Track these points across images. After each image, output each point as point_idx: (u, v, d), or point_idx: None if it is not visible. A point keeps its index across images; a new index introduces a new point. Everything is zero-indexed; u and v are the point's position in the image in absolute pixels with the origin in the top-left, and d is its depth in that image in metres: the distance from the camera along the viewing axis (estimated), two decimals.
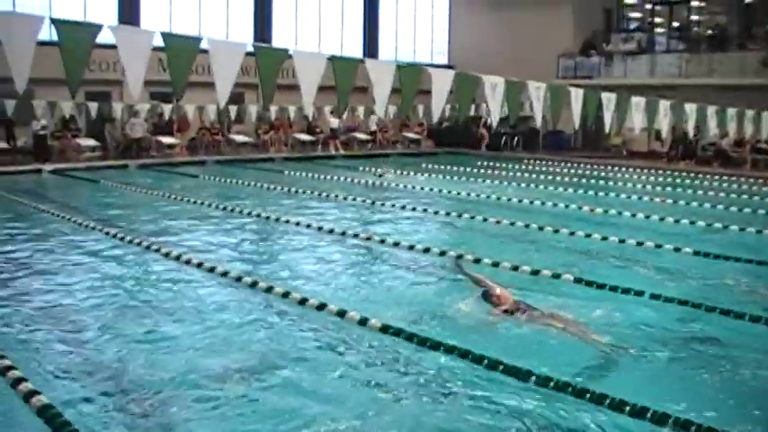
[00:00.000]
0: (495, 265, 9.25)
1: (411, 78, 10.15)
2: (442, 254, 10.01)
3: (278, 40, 29.69)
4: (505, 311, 7.18)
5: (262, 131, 27.80)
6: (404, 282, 8.85)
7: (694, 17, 31.72)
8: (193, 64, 8.11)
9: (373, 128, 29.95)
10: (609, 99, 12.73)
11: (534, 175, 21.08)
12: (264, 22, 30.29)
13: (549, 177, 20.62)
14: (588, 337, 6.68)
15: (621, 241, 10.97)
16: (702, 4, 31.25)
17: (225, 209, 14.06)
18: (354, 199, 15.59)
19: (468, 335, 6.75)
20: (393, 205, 14.75)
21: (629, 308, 7.60)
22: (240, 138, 27.09)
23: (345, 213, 14.18)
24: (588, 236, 11.36)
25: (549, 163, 25.22)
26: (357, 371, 6.02)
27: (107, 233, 11.40)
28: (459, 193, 16.80)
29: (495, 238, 11.83)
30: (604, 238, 11.18)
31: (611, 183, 19.72)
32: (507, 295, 7.39)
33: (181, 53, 8.00)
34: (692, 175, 21.79)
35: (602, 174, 22.12)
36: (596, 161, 25.42)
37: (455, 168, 22.04)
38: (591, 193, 17.33)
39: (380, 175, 20.38)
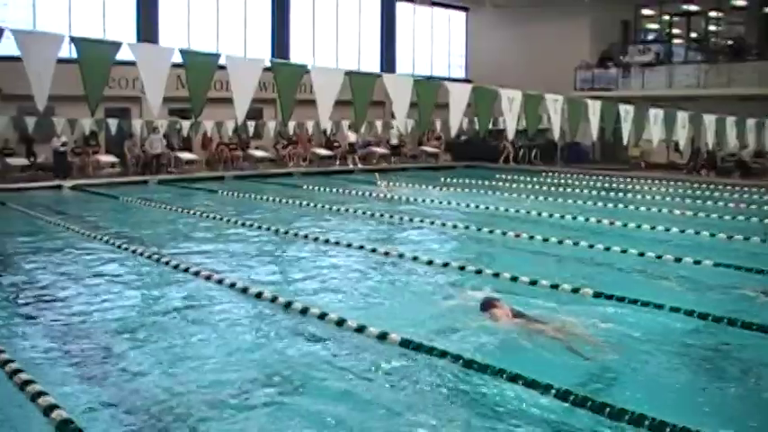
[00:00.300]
0: (514, 279, 9.23)
1: (428, 93, 10.13)
2: (461, 268, 9.99)
3: (296, 56, 29.84)
4: (513, 314, 7.36)
5: (280, 146, 27.93)
6: (422, 296, 8.83)
7: (712, 27, 31.58)
8: (212, 80, 8.16)
9: (394, 142, 29.99)
10: (627, 111, 12.67)
11: (553, 188, 21.01)
12: (282, 37, 30.45)
13: (568, 190, 20.54)
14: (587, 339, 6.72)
15: (641, 254, 10.90)
16: (720, 14, 31.10)
17: (244, 224, 14.10)
18: (372, 214, 15.60)
19: (487, 348, 6.74)
20: (411, 219, 14.74)
21: (649, 321, 7.54)
22: (259, 153, 27.23)
23: (363, 228, 14.18)
24: (607, 249, 11.31)
25: (568, 175, 25.16)
26: (377, 385, 6.01)
27: (126, 249, 11.47)
28: (477, 207, 16.77)
29: (513, 252, 11.80)
30: (624, 251, 11.11)
31: (629, 195, 19.62)
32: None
33: (199, 70, 8.04)
34: (712, 186, 21.64)
35: (621, 186, 22.03)
36: (615, 173, 25.33)
37: (473, 182, 22.02)
38: (610, 205, 17.25)
39: (379, 180, 20.38)
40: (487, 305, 7.62)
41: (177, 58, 7.83)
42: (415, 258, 10.71)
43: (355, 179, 23.90)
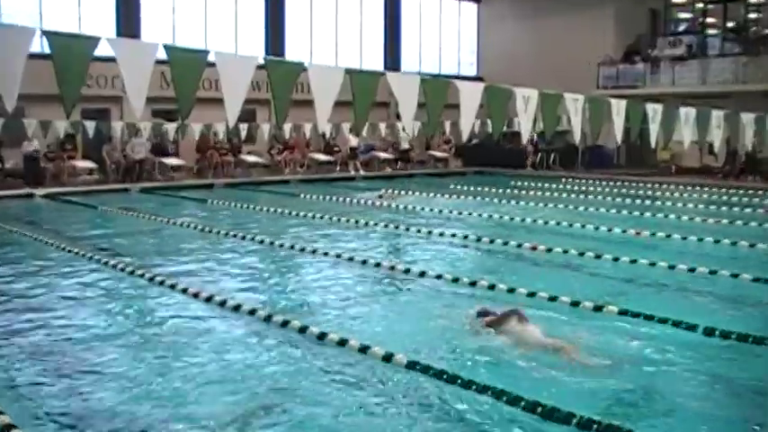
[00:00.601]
0: (531, 295, 9.21)
1: (437, 92, 10.11)
2: (473, 284, 9.99)
3: (292, 53, 29.94)
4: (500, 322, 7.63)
5: (275, 151, 27.99)
6: (431, 314, 8.79)
7: (752, 15, 31.46)
8: (200, 79, 8.17)
9: (405, 146, 30.01)
10: (655, 110, 12.67)
11: (573, 196, 21.03)
12: (277, 32, 30.54)
13: (590, 197, 20.55)
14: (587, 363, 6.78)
15: (671, 267, 10.87)
16: (761, 0, 31.01)
17: (236, 236, 14.13)
18: (376, 224, 15.62)
19: (500, 371, 6.73)
20: (418, 231, 14.74)
21: (681, 342, 7.50)
22: (251, 158, 27.28)
23: (366, 240, 14.23)
24: (634, 261, 11.29)
25: (590, 182, 25.18)
26: (381, 411, 5.99)
27: (106, 263, 11.48)
28: (490, 217, 16.81)
29: (530, 266, 11.78)
30: (652, 264, 11.08)
31: (658, 202, 19.60)
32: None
33: (186, 67, 8.03)
34: (751, 191, 21.60)
35: (649, 192, 22.02)
36: (642, 179, 25.34)
37: (486, 189, 22.07)
38: (636, 213, 17.22)
39: (380, 196, 20.46)
40: (485, 313, 7.89)
41: (162, 55, 7.84)
42: (422, 273, 10.71)
43: (357, 187, 23.93)
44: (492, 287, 9.72)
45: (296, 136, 27.39)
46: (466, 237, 13.97)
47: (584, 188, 23.38)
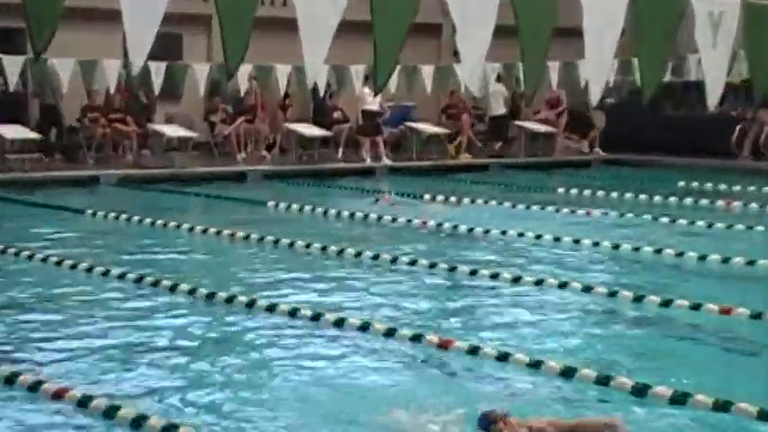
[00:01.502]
0: (724, 407, 8.91)
1: (535, 7, 10.00)
2: (604, 382, 9.76)
3: None
4: None
5: (219, 118, 27.99)
6: None
7: None
8: None
9: (501, 111, 30.04)
10: None
11: None
12: None
13: None
14: None
15: None
16: None
17: (140, 281, 14.12)
18: (413, 263, 15.63)
19: None
20: (494, 276, 14.67)
21: None
22: (173, 130, 27.27)
23: (393, 289, 14.20)
24: None
25: None
26: None
27: None
28: (636, 250, 16.78)
29: (713, 344, 11.66)
30: None
31: None
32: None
33: None
34: None
35: None
36: None
37: (627, 196, 22.23)
38: None
39: (392, 204, 21.10)
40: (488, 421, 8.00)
41: None
42: (501, 357, 10.58)
43: (377, 190, 23.98)
44: (642, 390, 9.44)
45: (259, 90, 27.42)
46: (588, 288, 13.85)
47: None
